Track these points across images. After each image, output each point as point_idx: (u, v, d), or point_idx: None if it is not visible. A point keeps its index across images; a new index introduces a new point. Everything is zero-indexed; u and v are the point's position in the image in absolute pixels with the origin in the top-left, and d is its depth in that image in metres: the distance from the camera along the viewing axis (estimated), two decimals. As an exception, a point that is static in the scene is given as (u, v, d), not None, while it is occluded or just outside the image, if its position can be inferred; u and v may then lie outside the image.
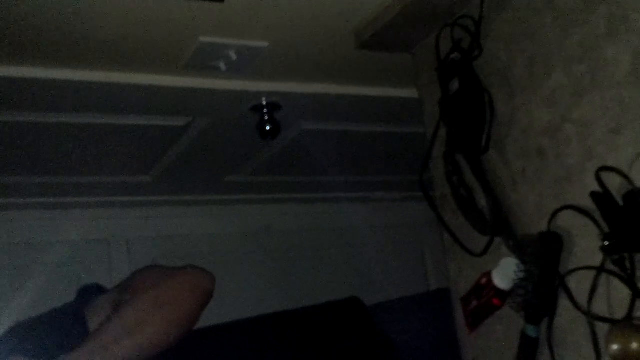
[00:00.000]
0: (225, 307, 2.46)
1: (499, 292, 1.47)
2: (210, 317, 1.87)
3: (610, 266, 1.26)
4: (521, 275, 1.39)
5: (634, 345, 0.98)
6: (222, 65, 1.83)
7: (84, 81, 1.84)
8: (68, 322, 1.75)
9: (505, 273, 1.44)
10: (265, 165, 2.65)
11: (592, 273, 1.30)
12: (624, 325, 1.05)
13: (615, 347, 1.00)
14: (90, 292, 1.90)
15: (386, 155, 2.70)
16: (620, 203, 1.24)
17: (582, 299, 1.32)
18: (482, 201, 1.54)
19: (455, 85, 1.58)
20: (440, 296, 1.98)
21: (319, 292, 3.00)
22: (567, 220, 1.37)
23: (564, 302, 1.36)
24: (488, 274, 1.49)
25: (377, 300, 2.85)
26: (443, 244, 1.69)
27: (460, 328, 1.63)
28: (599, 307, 1.29)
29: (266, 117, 2.08)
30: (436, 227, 1.72)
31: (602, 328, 1.26)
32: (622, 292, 1.25)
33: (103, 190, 2.68)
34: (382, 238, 3.26)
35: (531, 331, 1.39)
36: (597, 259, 1.29)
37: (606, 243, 1.23)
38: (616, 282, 1.26)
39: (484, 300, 1.51)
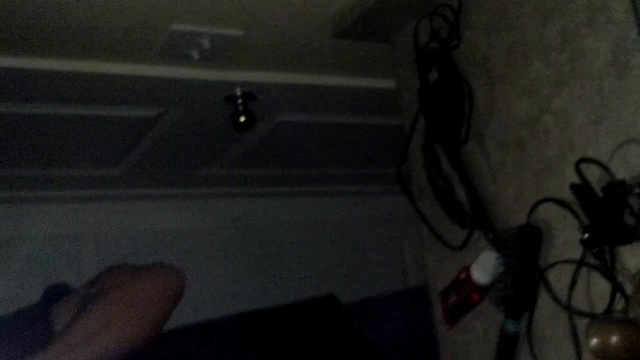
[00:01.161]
0: (197, 305, 2.42)
1: (478, 287, 1.44)
2: (181, 316, 1.83)
3: (590, 259, 1.24)
4: (501, 269, 1.37)
5: (614, 339, 0.96)
6: (195, 54, 1.79)
7: (52, 70, 1.78)
8: (33, 324, 1.71)
9: (484, 267, 1.42)
10: (239, 158, 2.61)
11: (572, 266, 1.27)
12: (604, 319, 1.03)
13: (595, 341, 0.97)
14: (56, 292, 1.85)
15: (364, 147, 2.67)
16: (600, 195, 1.21)
17: (562, 293, 1.30)
18: (461, 193, 1.52)
19: (434, 75, 1.56)
20: (418, 294, 1.96)
21: (294, 288, 2.97)
22: (547, 213, 1.35)
23: (543, 297, 1.34)
24: (467, 269, 1.46)
25: (354, 296, 2.83)
26: (421, 238, 1.66)
27: (438, 326, 1.61)
28: (579, 301, 1.27)
29: (240, 108, 2.04)
30: (415, 221, 1.70)
31: (582, 322, 1.24)
32: (602, 286, 1.23)
33: (71, 184, 2.61)
34: (360, 232, 3.23)
35: (511, 326, 1.36)
36: (577, 252, 1.27)
37: (586, 235, 1.21)
38: (596, 276, 1.24)
39: (463, 295, 1.48)
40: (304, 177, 2.94)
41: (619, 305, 1.18)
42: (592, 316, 1.16)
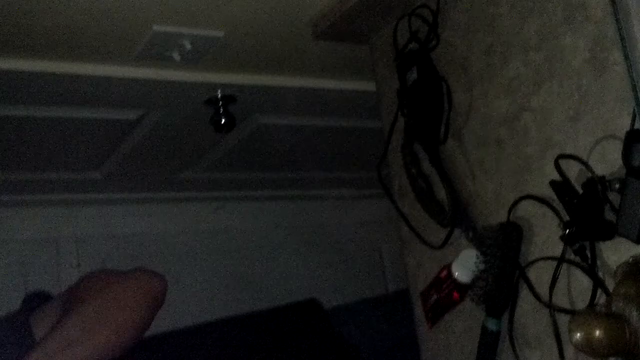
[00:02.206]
0: (178, 310, 2.42)
1: (459, 286, 1.45)
2: (163, 322, 1.82)
3: (571, 256, 1.25)
4: (481, 267, 1.37)
5: (597, 333, 0.96)
6: (176, 56, 1.79)
7: (31, 71, 1.78)
8: (13, 333, 1.68)
9: (465, 265, 1.42)
10: (220, 162, 2.60)
11: (553, 264, 1.28)
12: (587, 313, 1.03)
13: (578, 335, 0.98)
14: (36, 300, 1.83)
15: (344, 151, 2.67)
16: (580, 191, 1.22)
17: (543, 290, 1.30)
18: (441, 192, 1.52)
19: (413, 75, 1.56)
20: (399, 298, 1.96)
21: (275, 292, 2.97)
22: (527, 210, 1.35)
23: (524, 294, 1.34)
24: (448, 267, 1.47)
25: (334, 299, 2.84)
26: (401, 238, 1.67)
27: (419, 326, 1.61)
28: (561, 298, 1.27)
29: (221, 110, 2.04)
30: (394, 225, 1.70)
31: (563, 319, 1.25)
32: (583, 282, 1.24)
33: (51, 187, 2.60)
34: (340, 236, 3.23)
35: (492, 324, 1.37)
36: (558, 249, 1.27)
37: (566, 232, 1.21)
38: (577, 272, 1.25)
39: (444, 294, 1.48)
40: (284, 180, 2.94)
41: (600, 301, 1.19)
42: (573, 312, 1.16)
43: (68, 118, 2.08)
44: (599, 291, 1.20)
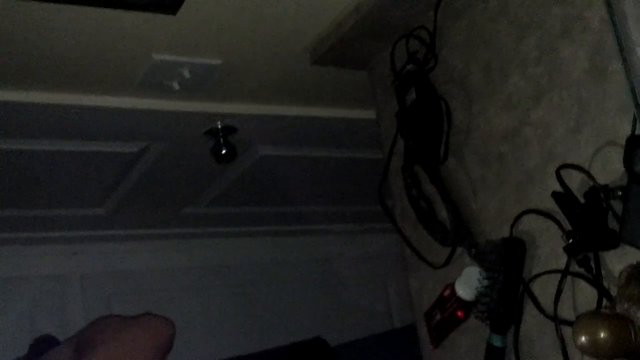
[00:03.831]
0: (183, 349, 2.39)
1: (463, 303, 1.43)
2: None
3: (575, 268, 1.23)
4: (485, 283, 1.35)
5: (602, 335, 0.94)
6: (176, 85, 1.79)
7: (31, 103, 1.78)
8: None
9: (468, 283, 1.41)
10: (223, 196, 2.60)
11: (557, 277, 1.26)
12: (591, 315, 1.01)
13: (583, 338, 0.96)
14: (43, 345, 1.82)
15: (346, 184, 2.67)
16: (582, 201, 1.21)
17: (547, 304, 1.28)
18: (443, 212, 1.51)
19: (411, 96, 1.56)
20: (407, 333, 1.94)
21: (280, 328, 2.95)
22: (530, 225, 1.34)
23: (529, 309, 1.32)
24: (451, 286, 1.45)
25: (339, 334, 2.80)
26: (404, 260, 1.65)
27: (423, 347, 1.59)
28: (566, 311, 1.25)
29: (221, 141, 2.04)
30: (398, 259, 1.69)
31: (569, 332, 1.23)
32: (588, 294, 1.22)
33: (55, 225, 2.60)
34: (344, 271, 3.21)
35: (497, 341, 1.34)
36: (562, 262, 1.26)
37: (569, 242, 1.20)
38: (582, 284, 1.23)
39: (448, 313, 1.46)
40: (287, 215, 2.94)
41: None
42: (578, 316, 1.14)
43: (70, 152, 2.09)
44: (605, 301, 1.18)
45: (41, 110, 1.83)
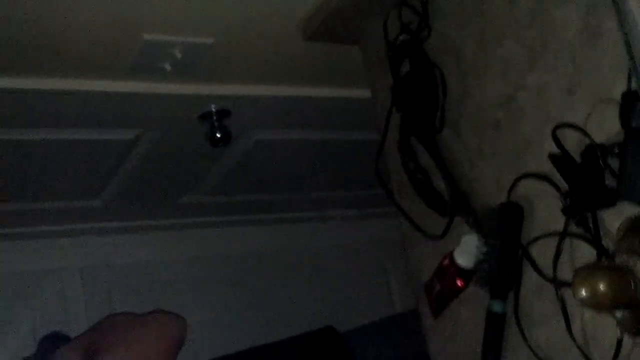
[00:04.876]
0: (188, 342, 2.38)
1: (462, 272, 1.42)
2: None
3: (573, 229, 1.22)
4: (483, 250, 1.35)
5: (602, 286, 0.93)
6: (168, 66, 1.78)
7: (19, 90, 1.76)
8: None
9: (467, 251, 1.39)
10: (220, 184, 2.59)
11: (556, 239, 1.25)
12: (590, 267, 1.00)
13: (583, 290, 0.95)
14: (51, 343, 1.80)
15: (343, 167, 2.65)
16: (579, 161, 1.20)
17: (547, 267, 1.27)
18: (440, 183, 1.50)
19: (406, 67, 1.55)
20: (412, 317, 1.92)
21: (282, 317, 2.94)
22: (527, 189, 1.33)
23: (528, 273, 1.31)
24: (450, 255, 1.44)
25: (342, 322, 2.79)
26: (402, 234, 1.64)
27: (425, 319, 1.58)
28: (565, 273, 1.24)
29: (216, 124, 2.03)
30: (398, 245, 1.68)
31: (569, 294, 1.22)
32: (587, 254, 1.20)
33: (52, 218, 2.59)
34: (344, 258, 3.20)
35: (497, 307, 1.33)
36: (560, 224, 1.24)
37: (567, 202, 1.19)
38: (581, 245, 1.22)
39: (447, 282, 1.45)
40: (286, 202, 2.92)
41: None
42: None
43: (63, 140, 2.07)
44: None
45: (30, 98, 1.81)
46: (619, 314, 0.99)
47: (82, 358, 1.63)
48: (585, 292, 0.95)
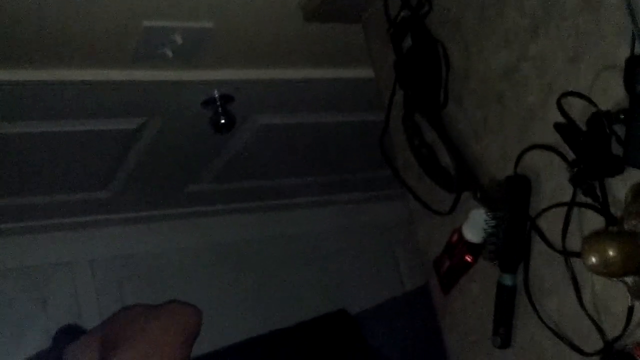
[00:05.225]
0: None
1: (471, 247, 1.41)
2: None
3: (581, 198, 1.21)
4: (492, 223, 1.34)
5: (611, 252, 0.92)
6: (169, 52, 1.77)
7: (22, 82, 1.76)
8: None
9: (475, 225, 1.39)
10: (225, 171, 2.58)
11: (564, 210, 1.24)
12: (599, 234, 0.99)
13: (592, 257, 0.94)
14: (67, 335, 1.79)
15: (350, 150, 2.64)
16: (585, 129, 1.19)
17: (556, 238, 1.26)
18: (446, 158, 1.49)
19: (407, 43, 1.54)
20: (422, 293, 1.91)
21: (293, 302, 2.94)
22: (534, 161, 1.32)
23: (537, 245, 1.30)
24: (458, 230, 1.43)
25: (353, 305, 2.79)
26: (410, 212, 1.63)
27: (435, 297, 1.57)
28: (574, 243, 1.23)
29: (219, 110, 2.02)
30: (406, 227, 1.67)
31: (578, 264, 1.21)
32: (596, 223, 1.19)
33: (61, 211, 2.59)
34: (352, 241, 3.19)
35: (507, 280, 1.33)
36: (568, 195, 1.23)
37: (574, 171, 1.17)
38: (589, 215, 1.20)
39: (457, 258, 1.45)
40: (292, 188, 2.91)
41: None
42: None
43: (68, 132, 2.07)
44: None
45: (31, 90, 1.81)
46: (629, 280, 0.98)
47: (98, 351, 1.63)
48: (595, 259, 0.94)
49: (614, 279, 0.98)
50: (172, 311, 1.67)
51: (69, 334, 1.81)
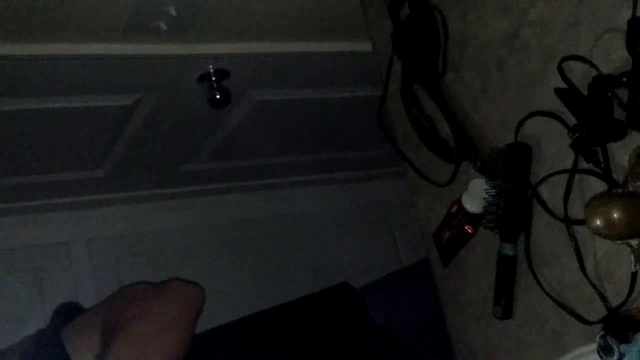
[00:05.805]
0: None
1: (471, 217, 1.39)
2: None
3: (583, 165, 1.19)
4: (492, 192, 1.31)
5: (616, 215, 0.90)
6: (163, 25, 1.75)
7: (13, 56, 1.73)
8: (44, 351, 1.62)
9: (475, 195, 1.36)
10: (221, 150, 2.56)
11: (565, 177, 1.22)
12: (602, 196, 0.97)
13: (597, 220, 0.92)
14: (65, 314, 1.77)
15: (347, 127, 2.62)
16: (586, 93, 1.16)
17: (557, 206, 1.24)
18: (445, 129, 1.47)
19: (405, 12, 1.51)
20: (423, 266, 1.89)
21: (290, 280, 2.92)
22: (534, 128, 1.29)
23: (539, 214, 1.28)
24: (458, 201, 1.41)
25: (352, 282, 2.76)
26: (409, 184, 1.61)
27: (434, 269, 1.55)
28: (576, 210, 1.21)
29: (215, 85, 2.00)
30: (403, 204, 1.65)
31: (580, 232, 1.19)
32: (598, 190, 1.17)
33: (56, 191, 2.57)
34: (349, 219, 3.17)
35: (508, 250, 1.31)
36: (569, 162, 1.21)
37: (576, 136, 1.15)
38: (591, 181, 1.18)
39: (457, 229, 1.42)
40: (289, 165, 2.89)
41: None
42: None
43: (62, 109, 2.04)
44: (616, 192, 1.13)
45: (23, 65, 1.78)
46: (634, 242, 0.96)
47: (100, 330, 1.60)
48: (600, 221, 0.92)
49: (619, 241, 0.96)
50: (175, 289, 1.65)
51: (68, 312, 1.78)
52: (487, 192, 1.32)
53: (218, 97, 2.01)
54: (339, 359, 2.21)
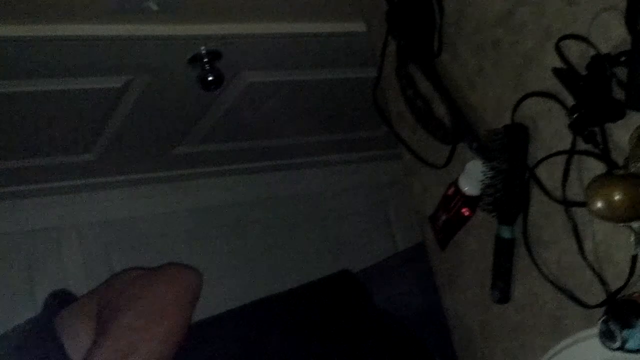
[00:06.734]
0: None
1: (468, 200, 1.37)
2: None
3: (581, 146, 1.17)
4: (489, 174, 1.29)
5: (617, 196, 0.88)
6: (153, 5, 1.71)
7: (1, 37, 1.69)
8: (36, 339, 1.59)
9: (471, 177, 1.34)
10: (214, 132, 2.53)
11: (564, 159, 1.20)
12: (603, 177, 0.95)
13: (598, 202, 0.90)
14: (58, 302, 1.74)
15: (341, 108, 2.59)
16: (584, 73, 1.14)
17: (555, 188, 1.22)
18: (440, 109, 1.45)
19: (400, -9, 1.49)
20: (420, 249, 1.87)
21: (285, 264, 2.91)
22: (532, 109, 1.27)
23: (536, 196, 1.26)
24: (454, 183, 1.39)
25: (349, 266, 2.75)
26: (404, 166, 1.59)
27: (431, 252, 1.53)
28: (576, 192, 1.19)
29: (207, 67, 1.97)
30: (397, 186, 1.62)
31: (579, 213, 1.17)
32: (596, 171, 1.15)
33: (46, 175, 2.54)
34: (343, 202, 3.15)
35: (505, 232, 1.29)
36: (567, 143, 1.19)
37: (574, 116, 1.13)
38: (589, 162, 1.16)
39: (453, 211, 1.41)
40: (282, 148, 2.86)
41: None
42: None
43: (50, 91, 2.00)
44: (615, 173, 1.11)
45: (11, 46, 1.74)
46: (635, 225, 0.95)
47: (95, 316, 1.58)
48: (601, 203, 0.90)
49: (620, 224, 0.94)
50: (172, 273, 1.62)
51: (61, 299, 1.76)
52: (484, 174, 1.31)
53: (210, 78, 1.98)
54: (343, 344, 2.19)
